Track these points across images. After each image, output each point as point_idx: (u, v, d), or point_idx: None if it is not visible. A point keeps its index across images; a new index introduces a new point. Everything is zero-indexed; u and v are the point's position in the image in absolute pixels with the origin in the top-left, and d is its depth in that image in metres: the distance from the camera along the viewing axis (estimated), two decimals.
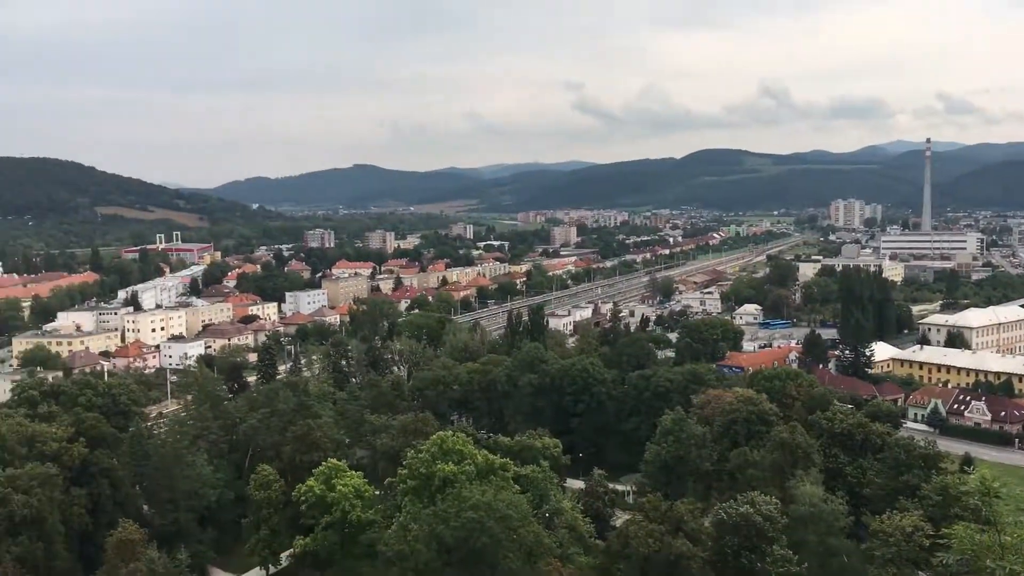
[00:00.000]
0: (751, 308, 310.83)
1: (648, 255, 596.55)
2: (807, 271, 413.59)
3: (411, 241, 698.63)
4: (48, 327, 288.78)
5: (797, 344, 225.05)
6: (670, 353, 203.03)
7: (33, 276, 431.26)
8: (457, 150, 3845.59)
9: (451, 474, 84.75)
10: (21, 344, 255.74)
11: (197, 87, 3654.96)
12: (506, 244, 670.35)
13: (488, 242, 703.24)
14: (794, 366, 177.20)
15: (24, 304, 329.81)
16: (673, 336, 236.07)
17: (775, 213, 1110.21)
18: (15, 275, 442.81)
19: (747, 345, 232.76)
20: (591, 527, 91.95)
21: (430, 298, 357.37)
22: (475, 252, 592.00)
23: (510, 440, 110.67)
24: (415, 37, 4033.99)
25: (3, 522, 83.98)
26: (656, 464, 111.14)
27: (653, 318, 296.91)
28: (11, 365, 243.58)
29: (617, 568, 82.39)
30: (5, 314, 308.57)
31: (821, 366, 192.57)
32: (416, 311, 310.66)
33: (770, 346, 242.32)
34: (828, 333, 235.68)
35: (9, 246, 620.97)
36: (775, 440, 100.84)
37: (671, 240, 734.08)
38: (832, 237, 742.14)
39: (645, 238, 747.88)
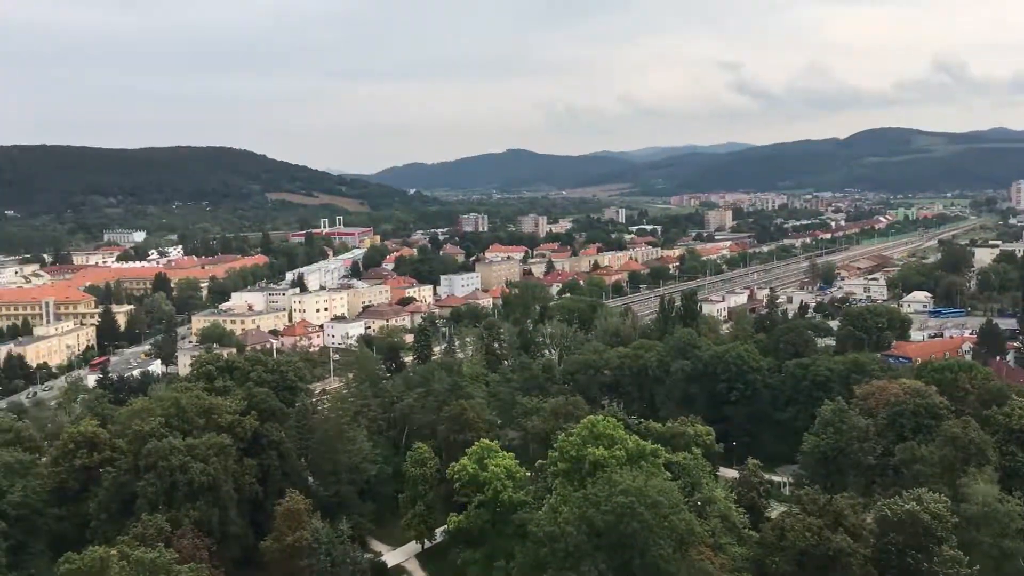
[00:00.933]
0: (920, 296, 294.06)
1: (808, 239, 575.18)
2: (984, 256, 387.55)
3: (563, 225, 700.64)
4: (223, 306, 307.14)
5: (971, 334, 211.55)
6: (830, 341, 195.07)
7: (210, 258, 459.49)
8: (610, 133, 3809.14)
9: (601, 458, 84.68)
10: (199, 322, 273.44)
11: (359, 77, 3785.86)
12: (659, 228, 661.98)
13: (640, 226, 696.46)
14: (967, 357, 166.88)
15: (202, 284, 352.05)
16: (834, 324, 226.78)
17: (948, 195, 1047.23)
18: (194, 257, 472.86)
19: (915, 335, 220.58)
20: (745, 518, 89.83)
21: (581, 282, 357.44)
22: (627, 236, 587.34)
23: (661, 426, 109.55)
24: (568, 21, 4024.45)
25: (183, 488, 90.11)
26: (815, 456, 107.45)
27: (812, 305, 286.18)
28: (190, 341, 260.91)
29: (772, 561, 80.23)
30: (185, 293, 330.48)
31: (998, 358, 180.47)
32: (567, 295, 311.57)
33: (941, 336, 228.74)
34: (1007, 323, 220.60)
35: (189, 230, 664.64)
36: (946, 435, 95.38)
37: (833, 224, 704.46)
38: (1013, 221, 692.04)
39: (805, 222, 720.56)
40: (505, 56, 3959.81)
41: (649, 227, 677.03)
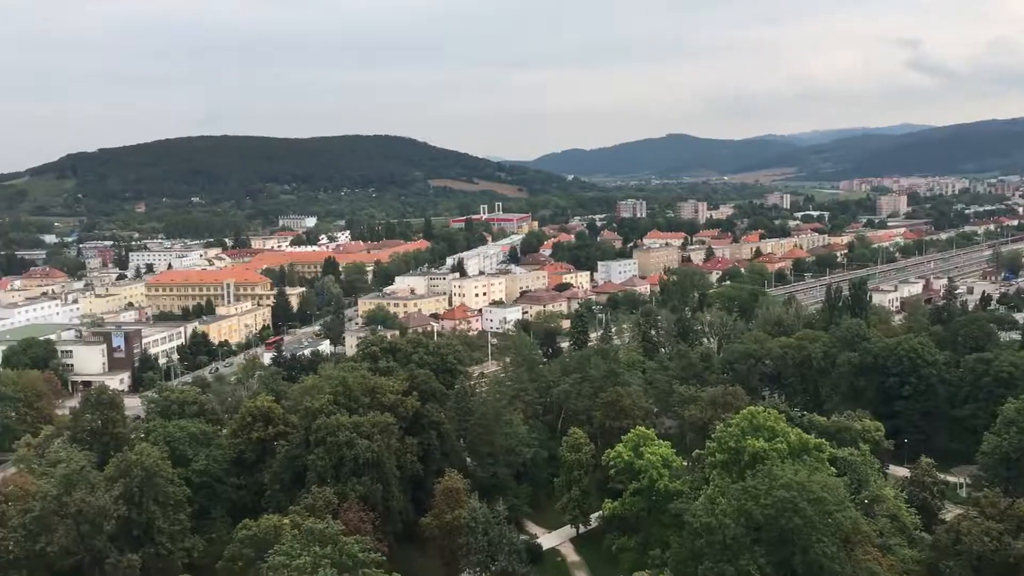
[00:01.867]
0: None
1: (991, 226, 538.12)
2: None
3: (724, 211, 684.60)
4: (387, 290, 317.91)
5: None
6: (1015, 335, 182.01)
7: (375, 243, 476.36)
8: (774, 116, 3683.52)
9: (762, 450, 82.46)
10: (365, 304, 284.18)
11: (517, 64, 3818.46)
12: (826, 214, 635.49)
13: (806, 212, 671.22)
14: None
15: (368, 268, 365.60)
16: (1020, 317, 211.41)
17: None
18: (361, 242, 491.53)
19: None
20: (916, 519, 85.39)
21: (742, 270, 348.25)
22: (791, 223, 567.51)
23: (826, 420, 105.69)
24: (732, 1, 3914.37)
25: (350, 463, 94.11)
26: (995, 456, 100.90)
27: (996, 296, 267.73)
28: (357, 323, 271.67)
29: (945, 566, 75.95)
30: (352, 277, 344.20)
31: None
32: (728, 283, 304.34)
33: None
34: None
35: (356, 216, 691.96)
36: None
37: (1021, 210, 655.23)
38: None
39: (989, 207, 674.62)
40: (665, 40, 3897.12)
41: (815, 213, 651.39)
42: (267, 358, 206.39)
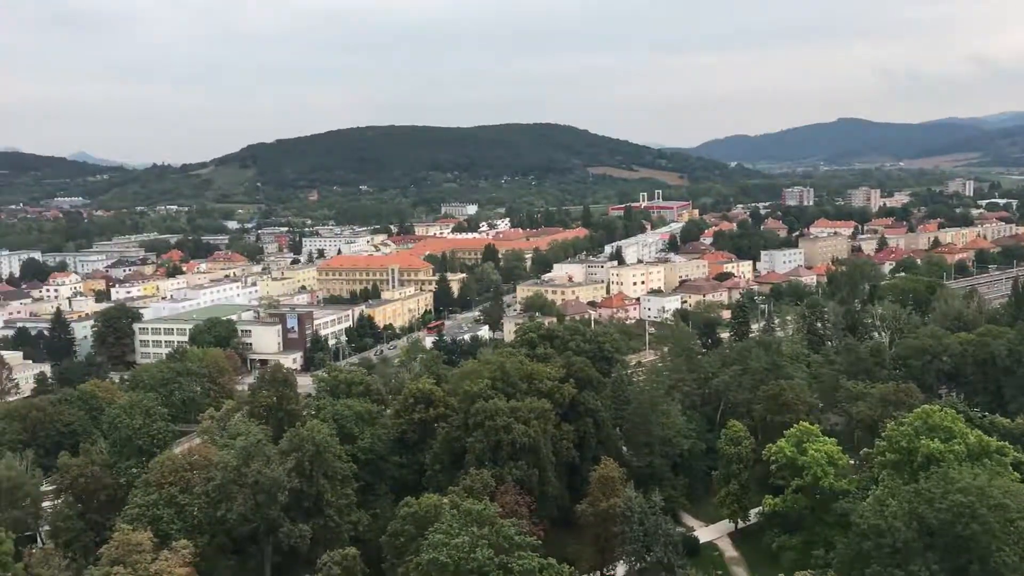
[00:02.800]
0: None
1: None
2: None
3: (899, 199, 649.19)
4: (545, 277, 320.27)
5: None
6: None
7: (534, 231, 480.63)
8: (957, 98, 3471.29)
9: (937, 452, 78.18)
10: (523, 291, 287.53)
11: (678, 49, 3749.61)
12: (1013, 203, 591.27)
13: (991, 200, 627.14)
14: None
15: (526, 255, 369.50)
16: None
17: None
18: (520, 229, 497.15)
19: None
20: None
21: (918, 261, 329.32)
22: (975, 211, 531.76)
23: (1010, 422, 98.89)
24: None
25: (507, 447, 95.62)
26: None
27: None
28: (515, 309, 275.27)
29: None
30: (511, 263, 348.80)
31: None
32: (902, 274, 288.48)
33: None
34: None
35: (516, 203, 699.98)
36: None
37: None
38: None
39: None
40: (836, 20, 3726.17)
41: (1002, 201, 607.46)
42: (428, 342, 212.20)
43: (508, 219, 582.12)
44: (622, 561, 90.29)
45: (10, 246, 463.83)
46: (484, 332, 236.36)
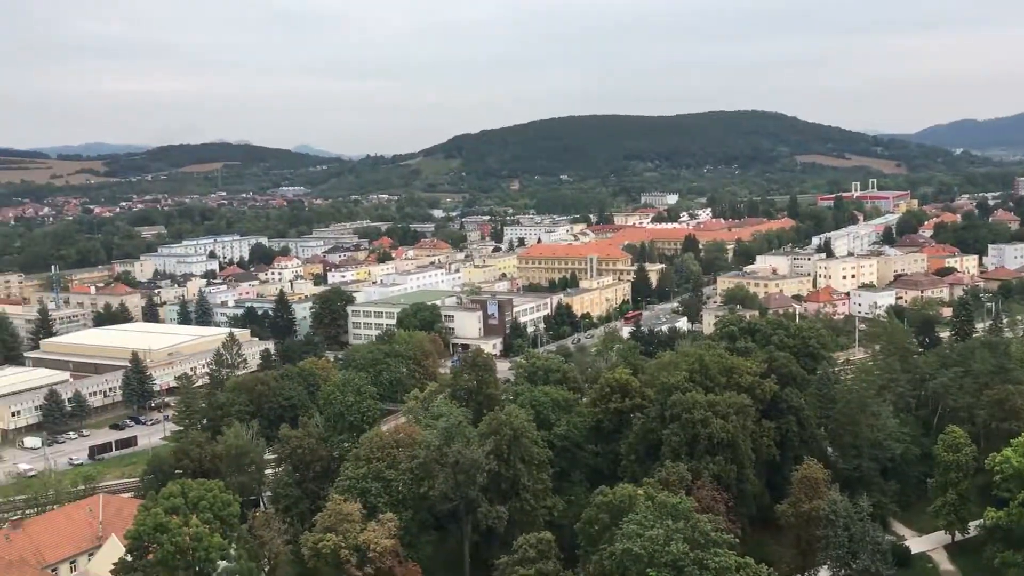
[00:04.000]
0: None
1: None
2: None
3: None
4: (747, 269, 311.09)
5: None
6: None
7: (737, 221, 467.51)
8: None
9: None
10: (724, 283, 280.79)
11: (893, 28, 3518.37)
12: None
13: None
14: None
15: (728, 246, 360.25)
16: None
17: None
18: (721, 220, 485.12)
19: None
20: None
21: None
22: None
23: None
24: None
25: (704, 441, 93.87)
26: None
27: None
28: (715, 301, 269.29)
29: None
30: (712, 255, 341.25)
31: None
32: None
33: None
34: None
35: (718, 193, 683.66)
36: None
37: None
38: None
39: None
40: None
41: None
42: (626, 332, 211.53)
43: (709, 209, 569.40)
44: (826, 567, 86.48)
45: (241, 232, 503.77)
46: (682, 324, 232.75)
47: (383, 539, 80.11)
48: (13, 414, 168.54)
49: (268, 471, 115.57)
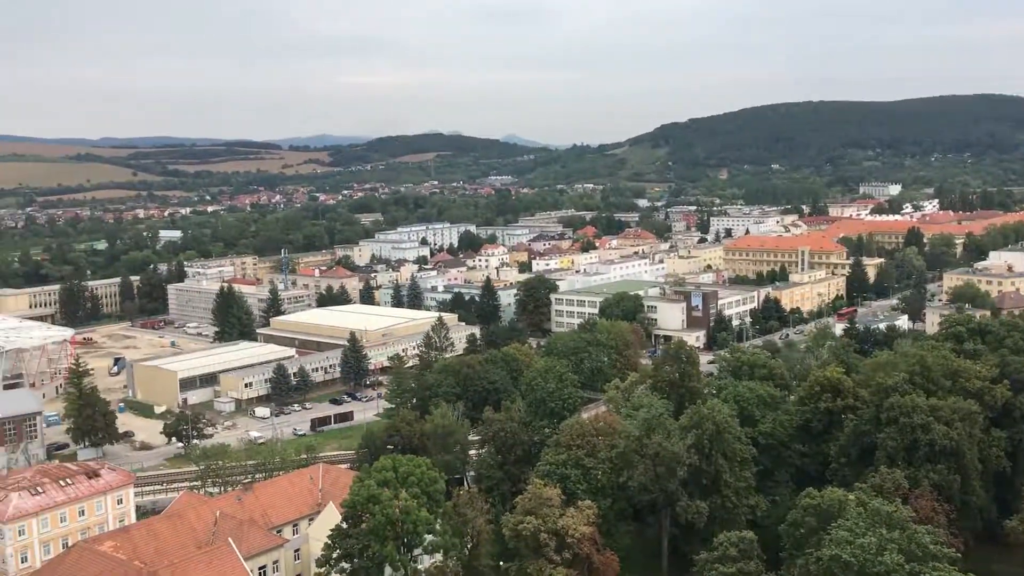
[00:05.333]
0: None
1: None
2: None
3: None
4: (978, 265, 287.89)
5: None
6: None
7: (968, 213, 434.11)
8: None
9: None
10: (951, 280, 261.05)
11: None
12: None
13: None
14: None
15: (957, 241, 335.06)
16: None
17: None
18: (950, 212, 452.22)
19: None
20: None
21: None
22: None
23: None
24: None
25: (924, 447, 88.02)
26: None
27: None
28: (940, 299, 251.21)
29: None
30: (938, 249, 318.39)
31: None
32: None
33: None
34: None
35: (946, 183, 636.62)
36: None
37: None
38: None
39: None
40: None
41: None
42: (839, 328, 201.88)
43: (937, 200, 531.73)
44: None
45: (451, 219, 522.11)
46: (902, 322, 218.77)
47: (582, 526, 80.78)
48: (246, 385, 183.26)
49: (472, 452, 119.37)
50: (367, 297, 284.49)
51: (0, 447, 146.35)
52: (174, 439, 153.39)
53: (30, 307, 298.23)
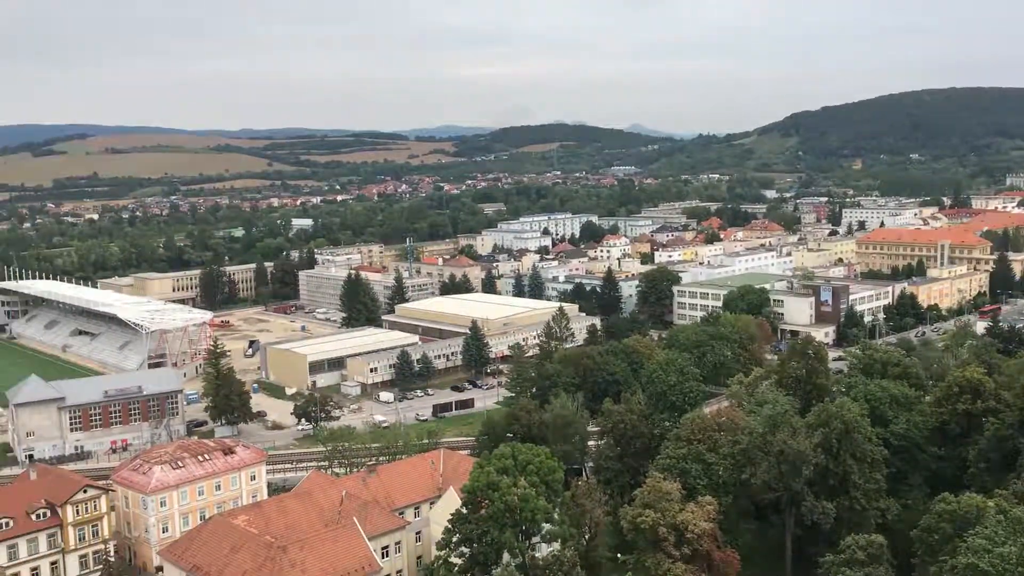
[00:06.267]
0: None
1: None
2: None
3: None
4: None
5: None
6: None
7: None
8: None
9: None
10: None
11: None
12: None
13: None
14: None
15: None
16: None
17: None
18: None
19: None
20: None
21: None
22: None
23: None
24: None
25: None
26: None
27: None
28: None
29: None
30: None
31: None
32: None
33: None
34: None
35: None
36: None
37: None
38: None
39: None
40: None
41: None
42: (980, 327, 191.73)
43: None
44: None
45: (573, 209, 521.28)
46: None
47: (702, 521, 79.50)
48: (371, 370, 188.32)
49: (591, 442, 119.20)
50: (489, 286, 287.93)
51: (144, 422, 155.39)
52: (303, 420, 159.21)
53: (173, 290, 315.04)
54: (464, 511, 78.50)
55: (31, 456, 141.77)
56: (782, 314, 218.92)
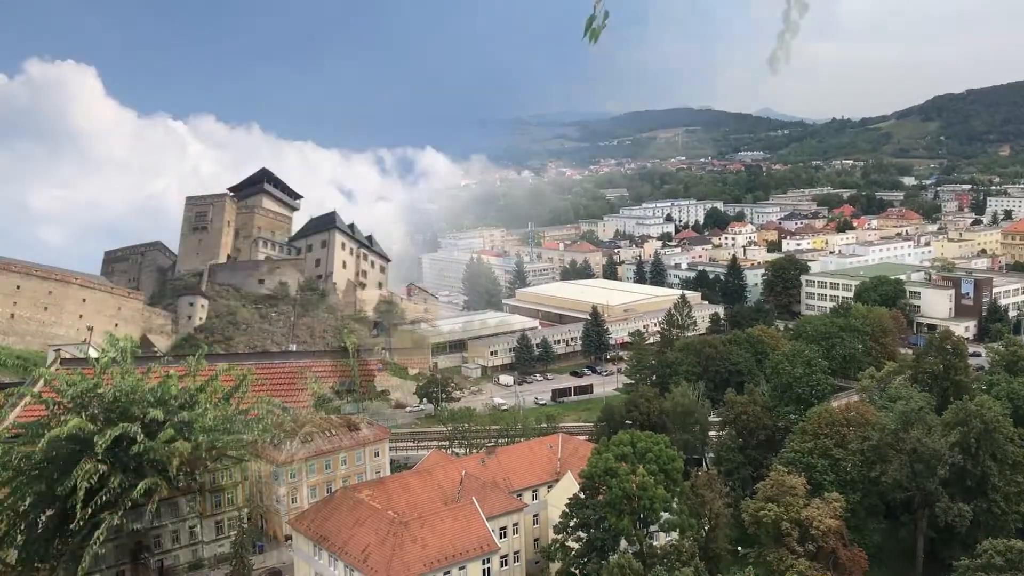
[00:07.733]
0: None
1: None
2: None
3: None
4: None
5: None
6: None
7: None
8: None
9: None
10: None
11: None
12: None
13: None
14: None
15: None
16: None
17: None
18: None
19: None
20: None
21: None
22: None
23: None
24: None
25: None
26: None
27: None
28: None
29: None
30: None
31: None
32: None
33: None
34: None
35: None
36: None
37: None
38: None
39: None
40: None
41: None
42: None
43: None
44: None
45: (697, 196, 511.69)
46: None
47: (827, 518, 77.17)
48: (491, 353, 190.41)
49: (711, 433, 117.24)
50: (610, 272, 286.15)
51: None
52: (425, 400, 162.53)
53: None
54: (582, 496, 78.54)
55: None
56: (918, 307, 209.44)
